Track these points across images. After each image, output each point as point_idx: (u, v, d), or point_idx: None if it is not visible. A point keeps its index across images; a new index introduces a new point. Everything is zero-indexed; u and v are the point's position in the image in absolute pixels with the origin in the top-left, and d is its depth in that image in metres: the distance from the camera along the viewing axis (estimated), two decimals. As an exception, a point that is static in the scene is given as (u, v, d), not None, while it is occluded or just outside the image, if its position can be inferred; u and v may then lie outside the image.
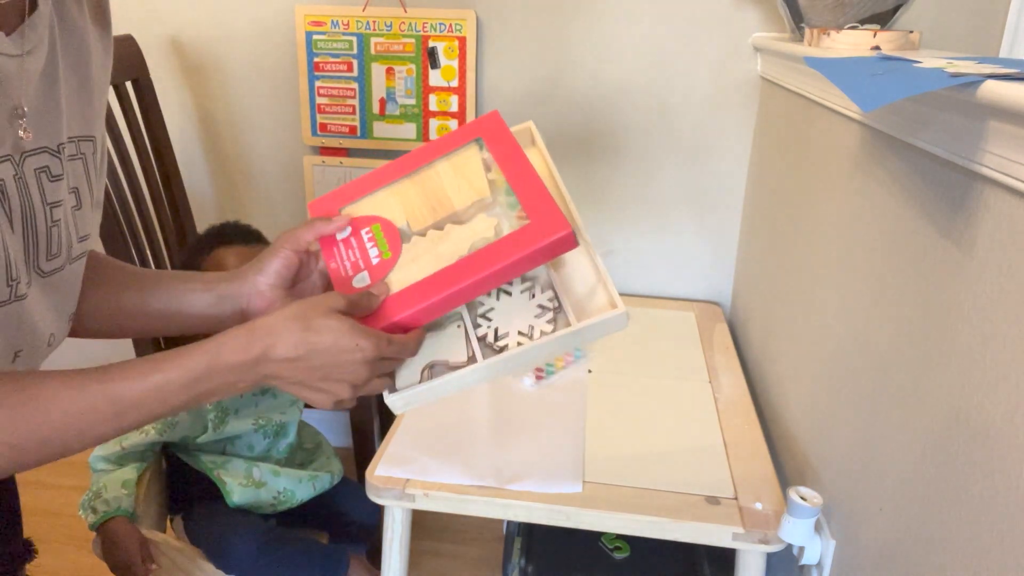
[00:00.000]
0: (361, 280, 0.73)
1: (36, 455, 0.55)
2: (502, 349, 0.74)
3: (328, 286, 0.78)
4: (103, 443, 0.58)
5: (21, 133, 0.56)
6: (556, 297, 0.77)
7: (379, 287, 0.71)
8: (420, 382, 0.74)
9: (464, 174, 0.79)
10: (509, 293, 0.78)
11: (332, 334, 0.62)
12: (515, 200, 0.75)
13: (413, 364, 0.75)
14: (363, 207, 0.80)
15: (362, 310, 0.68)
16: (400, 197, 0.80)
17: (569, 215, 0.77)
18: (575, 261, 0.79)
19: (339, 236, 0.77)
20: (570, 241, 0.71)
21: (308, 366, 0.62)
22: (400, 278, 0.72)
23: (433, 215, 0.77)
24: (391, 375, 0.72)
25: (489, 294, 0.79)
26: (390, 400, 0.73)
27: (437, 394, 0.74)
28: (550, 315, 0.75)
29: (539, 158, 0.86)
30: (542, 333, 0.73)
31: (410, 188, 0.80)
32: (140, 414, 0.58)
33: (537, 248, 0.70)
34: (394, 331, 0.69)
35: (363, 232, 0.77)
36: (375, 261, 0.74)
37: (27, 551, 0.75)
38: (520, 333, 0.74)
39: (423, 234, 0.76)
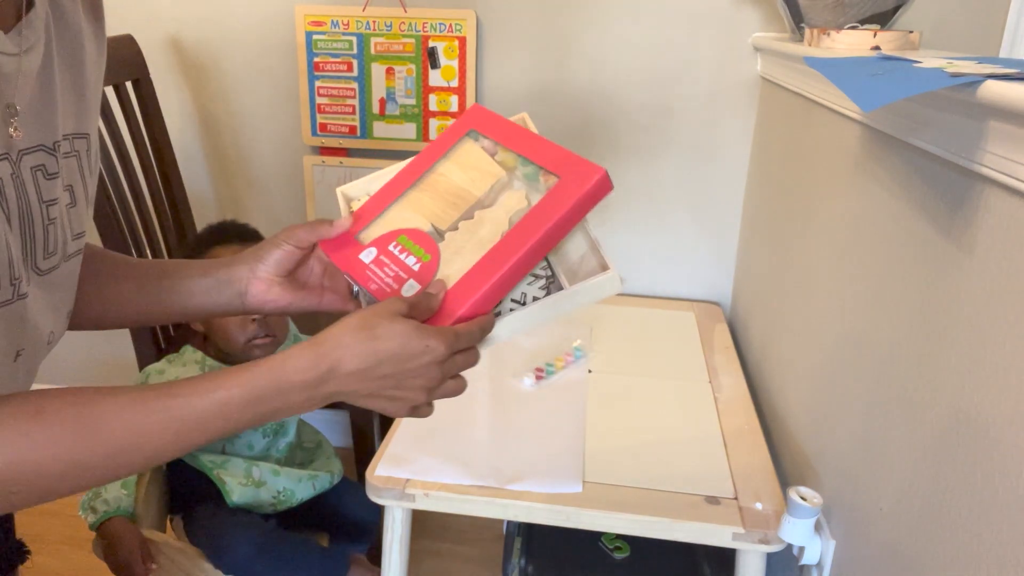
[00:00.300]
0: (410, 288, 0.70)
1: (101, 473, 0.54)
2: (495, 316, 0.74)
3: (334, 277, 0.78)
4: (165, 461, 0.57)
5: (12, 132, 0.56)
6: (549, 265, 0.77)
7: (435, 285, 0.68)
8: None
9: (471, 165, 0.78)
10: None
11: (399, 339, 0.60)
12: (534, 167, 0.74)
13: None
14: (379, 227, 0.77)
15: (424, 311, 0.65)
16: (414, 206, 0.77)
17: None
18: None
19: (366, 259, 0.74)
20: (607, 183, 0.70)
21: (379, 375, 0.60)
22: (451, 273, 0.70)
23: (456, 210, 0.75)
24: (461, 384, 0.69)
25: None
26: None
27: None
28: (542, 282, 0.75)
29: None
30: (535, 299, 0.74)
31: (420, 196, 0.78)
32: (203, 433, 0.57)
33: (579, 197, 0.69)
34: (460, 322, 0.67)
35: (391, 247, 0.74)
36: (416, 268, 0.72)
37: (19, 552, 0.75)
38: (513, 300, 0.75)
39: (455, 228, 0.74)
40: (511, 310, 0.74)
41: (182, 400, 0.56)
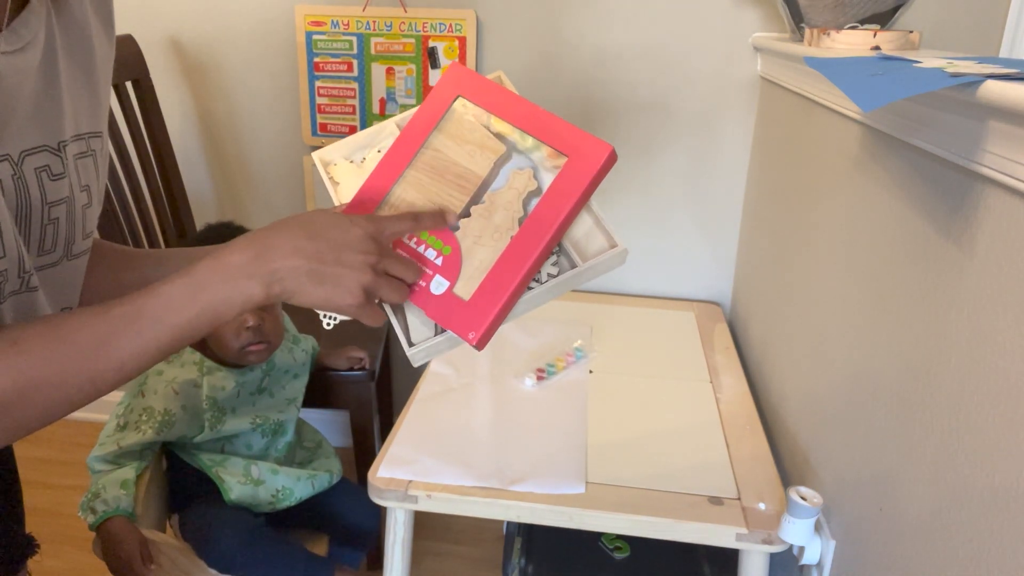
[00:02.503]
0: (439, 285, 0.71)
1: (79, 390, 0.56)
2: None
3: None
4: (138, 363, 0.58)
5: (14, 131, 0.56)
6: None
7: (449, 217, 0.72)
8: (435, 335, 0.75)
9: (467, 139, 0.76)
10: None
11: (327, 215, 0.64)
12: (535, 140, 0.74)
13: (427, 320, 0.75)
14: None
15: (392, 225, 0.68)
16: (417, 190, 0.76)
17: None
18: None
19: None
20: (614, 157, 0.71)
21: (314, 248, 0.62)
22: (475, 266, 0.70)
23: (464, 192, 0.74)
24: (406, 285, 0.70)
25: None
26: (410, 353, 0.75)
27: (453, 344, 0.75)
28: (554, 258, 0.76)
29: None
30: (549, 276, 0.74)
31: (420, 177, 0.76)
32: (162, 328, 0.58)
33: (591, 178, 0.70)
34: (499, 319, 0.69)
35: (406, 240, 0.74)
36: (439, 261, 0.71)
37: (29, 545, 0.75)
38: None
39: (467, 215, 0.73)
40: (529, 287, 0.75)
41: (137, 300, 0.58)
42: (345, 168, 0.87)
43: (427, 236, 0.73)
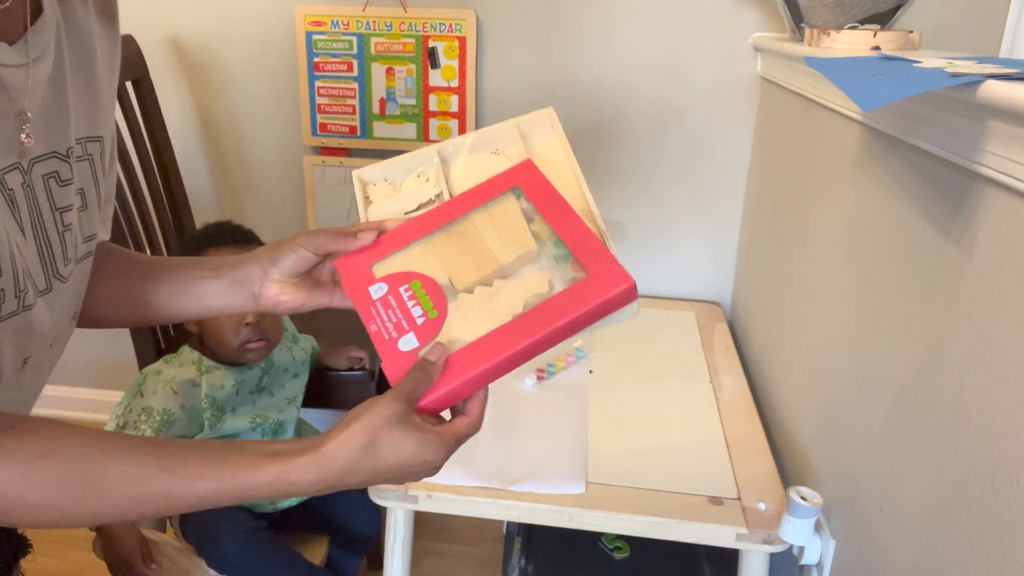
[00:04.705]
0: (408, 343, 0.67)
1: (86, 521, 0.56)
2: None
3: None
4: (153, 515, 0.59)
5: (24, 138, 0.56)
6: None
7: (435, 351, 0.65)
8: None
9: (505, 226, 0.74)
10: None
11: (400, 454, 0.61)
12: (565, 251, 0.71)
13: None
14: (396, 263, 0.73)
15: (422, 389, 0.64)
16: (437, 252, 0.74)
17: (586, 202, 0.77)
18: None
19: (375, 295, 0.71)
20: (632, 293, 0.68)
21: (381, 480, 0.63)
22: (453, 339, 0.67)
23: (478, 271, 0.72)
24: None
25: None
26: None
27: None
28: None
29: (558, 144, 0.86)
30: None
31: (447, 242, 0.74)
32: (195, 506, 0.59)
33: (600, 302, 0.66)
34: (452, 396, 0.65)
35: (401, 290, 0.71)
36: (420, 321, 0.69)
37: (22, 545, 0.75)
38: None
39: (470, 291, 0.70)
40: None
41: (184, 481, 0.57)
42: (382, 188, 0.89)
43: (422, 293, 0.71)
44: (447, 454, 0.63)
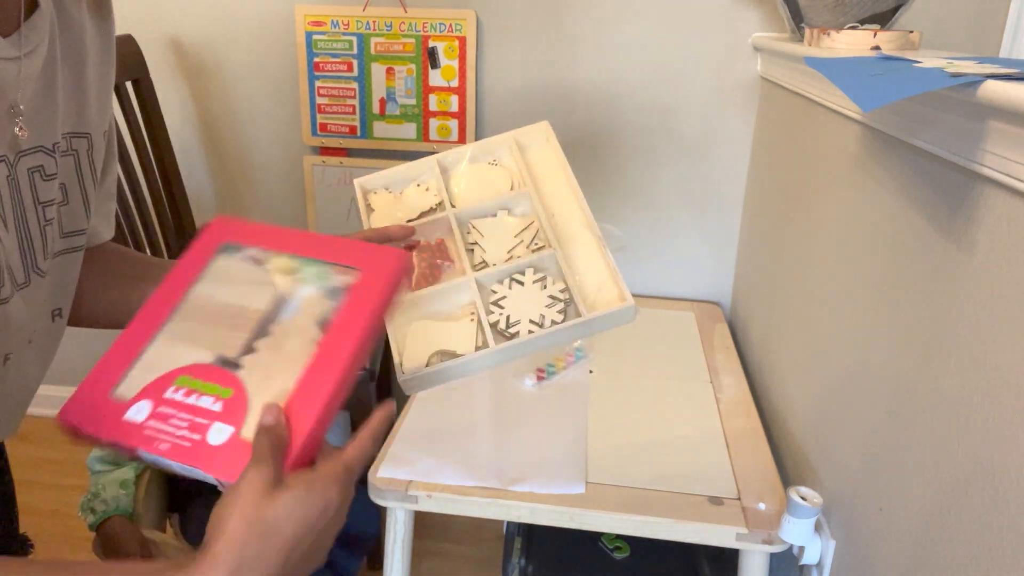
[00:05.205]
0: (220, 433, 0.58)
1: None
2: (513, 336, 0.75)
3: None
4: None
5: (17, 131, 0.56)
6: (567, 289, 0.78)
7: (270, 412, 0.57)
8: (427, 366, 0.75)
9: (238, 281, 0.68)
10: (521, 283, 0.79)
11: (294, 517, 0.53)
12: (321, 265, 0.67)
13: (419, 352, 0.75)
14: (137, 379, 0.62)
15: (282, 448, 0.56)
16: (182, 338, 0.65)
17: (582, 211, 0.78)
18: (587, 255, 0.81)
19: (138, 418, 0.60)
20: (409, 261, 0.66)
21: (296, 555, 0.54)
22: (270, 398, 0.59)
23: (242, 330, 0.64)
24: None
25: (501, 282, 0.80)
26: (402, 380, 0.74)
27: (445, 378, 0.75)
28: (561, 306, 0.76)
29: (553, 156, 0.86)
30: (553, 322, 0.74)
31: (185, 326, 0.65)
32: None
33: (389, 283, 0.64)
34: (314, 439, 0.59)
35: (169, 394, 0.61)
36: (218, 407, 0.59)
37: (23, 546, 0.75)
38: (531, 322, 0.76)
39: (251, 351, 0.63)
40: (529, 332, 0.74)
41: None
42: (384, 197, 0.89)
43: (197, 383, 0.61)
44: (345, 485, 0.57)
